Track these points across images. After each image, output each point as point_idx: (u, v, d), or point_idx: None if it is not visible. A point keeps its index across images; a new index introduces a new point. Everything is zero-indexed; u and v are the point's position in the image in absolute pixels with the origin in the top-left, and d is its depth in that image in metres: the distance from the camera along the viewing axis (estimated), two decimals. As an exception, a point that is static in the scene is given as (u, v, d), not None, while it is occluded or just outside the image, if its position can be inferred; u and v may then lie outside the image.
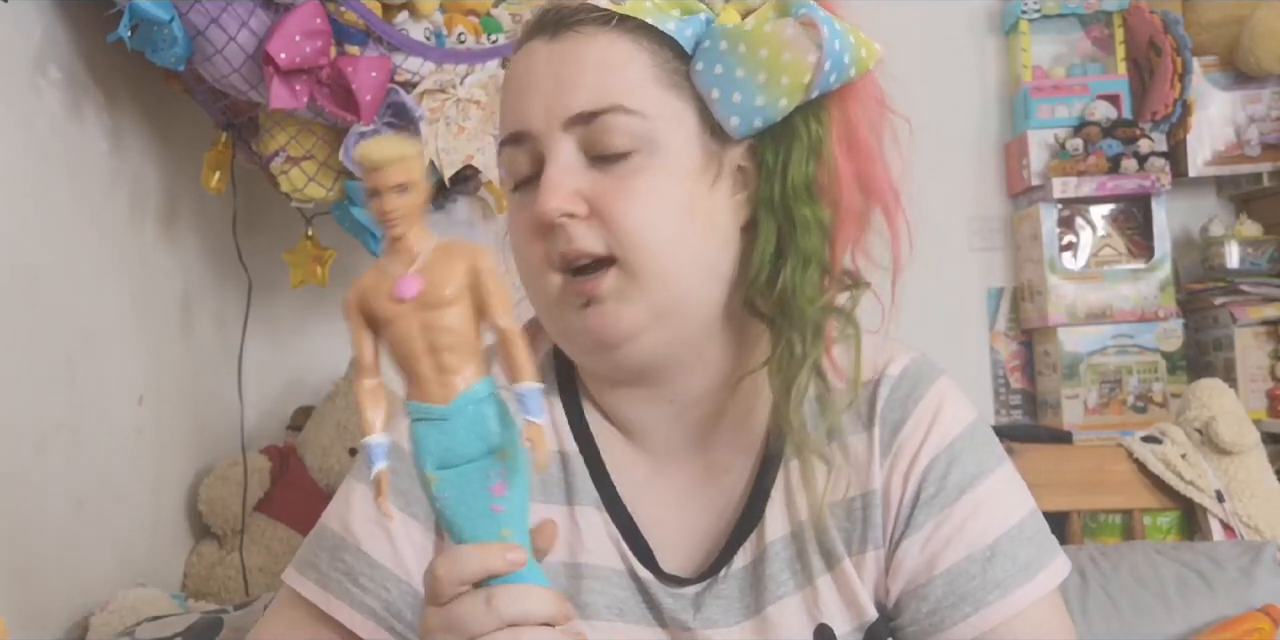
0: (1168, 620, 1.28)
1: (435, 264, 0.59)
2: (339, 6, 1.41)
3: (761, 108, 0.75)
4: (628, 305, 0.74)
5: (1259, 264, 2.11)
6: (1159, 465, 1.52)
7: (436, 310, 0.59)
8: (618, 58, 0.76)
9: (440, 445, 0.60)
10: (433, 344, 0.59)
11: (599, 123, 0.74)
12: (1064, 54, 2.25)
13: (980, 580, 0.77)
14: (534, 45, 0.78)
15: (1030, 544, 0.79)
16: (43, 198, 1.39)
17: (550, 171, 0.74)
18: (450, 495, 0.60)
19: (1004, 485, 0.81)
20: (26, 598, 1.29)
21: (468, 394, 0.59)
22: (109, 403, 1.53)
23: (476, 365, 0.60)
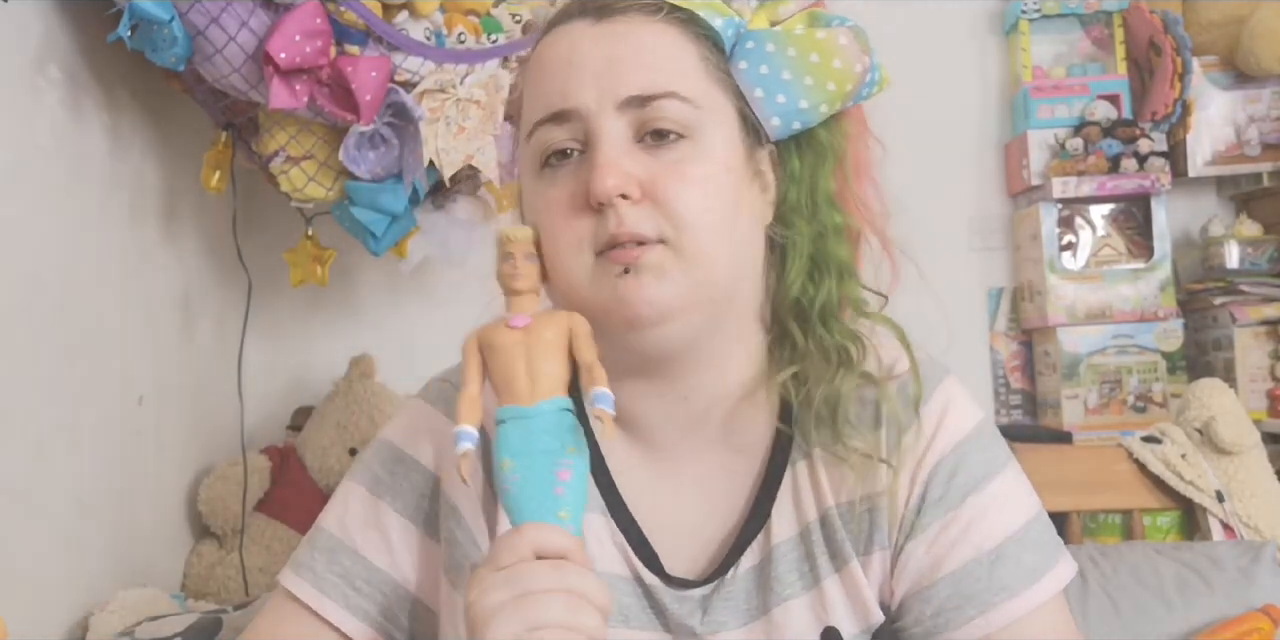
0: (1168, 620, 1.28)
1: (543, 317, 0.74)
2: (339, 6, 1.41)
3: (803, 111, 0.77)
4: (667, 282, 0.74)
5: (1259, 264, 2.11)
6: (1159, 465, 1.52)
7: (538, 337, 0.73)
8: (670, 45, 0.77)
9: (520, 438, 0.71)
10: (531, 360, 0.72)
11: (654, 107, 0.74)
12: (1064, 54, 2.25)
13: (986, 582, 0.77)
14: (576, 26, 0.78)
15: (1036, 547, 0.79)
16: (43, 198, 1.39)
17: (604, 151, 0.74)
18: (521, 476, 0.70)
19: (1010, 487, 0.81)
20: (26, 598, 1.29)
21: (551, 400, 0.72)
22: (109, 403, 1.53)
23: (561, 386, 0.72)
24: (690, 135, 0.75)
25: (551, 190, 0.77)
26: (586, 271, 0.75)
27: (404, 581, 0.82)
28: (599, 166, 0.73)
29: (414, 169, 1.53)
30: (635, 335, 0.75)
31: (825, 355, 0.79)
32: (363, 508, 0.83)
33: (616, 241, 0.74)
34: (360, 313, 2.14)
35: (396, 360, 1.98)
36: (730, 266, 0.76)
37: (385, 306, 2.15)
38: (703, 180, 0.75)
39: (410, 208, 1.62)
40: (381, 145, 1.51)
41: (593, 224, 0.74)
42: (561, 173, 0.77)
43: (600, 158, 0.74)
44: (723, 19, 0.78)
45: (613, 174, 0.73)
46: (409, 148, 1.51)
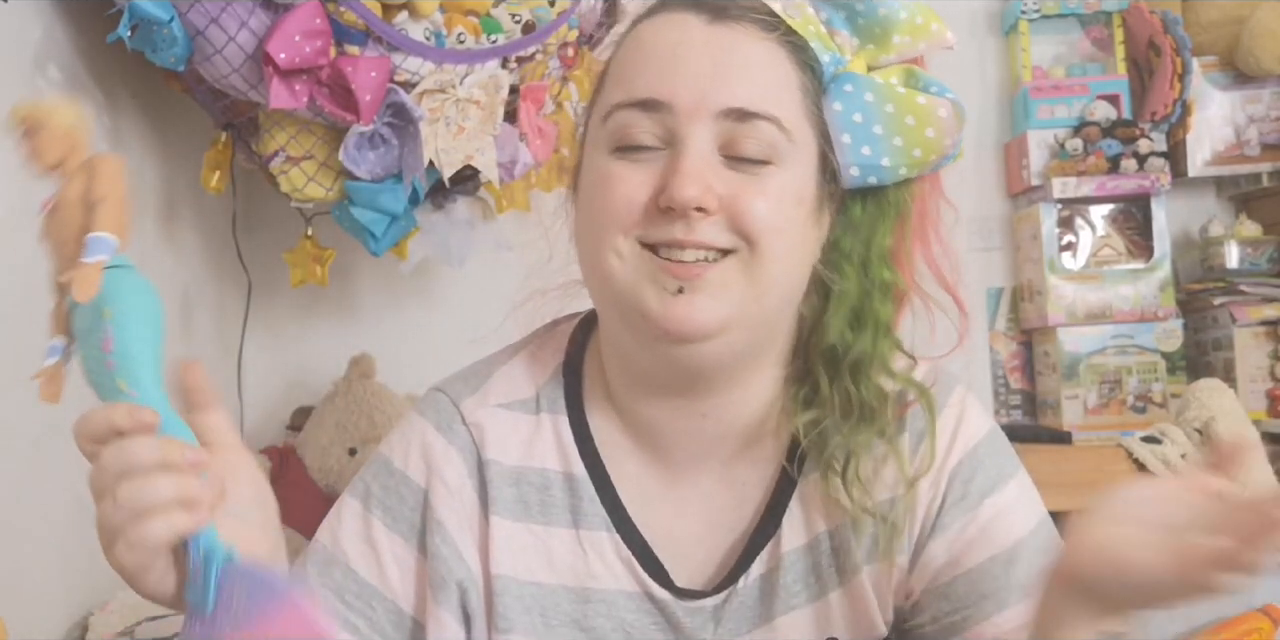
0: (1168, 620, 1.28)
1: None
2: (339, 6, 1.41)
3: (884, 168, 0.76)
4: (722, 302, 0.72)
5: (1258, 264, 2.10)
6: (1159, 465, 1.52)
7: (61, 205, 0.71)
8: (778, 68, 0.75)
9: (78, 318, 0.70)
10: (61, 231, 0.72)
11: (751, 125, 0.73)
12: (1064, 54, 2.25)
13: (1004, 581, 0.78)
14: (686, 19, 0.76)
15: (1047, 551, 0.80)
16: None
17: (690, 159, 0.72)
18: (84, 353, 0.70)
19: (1022, 491, 0.83)
20: (26, 598, 1.29)
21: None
22: (109, 403, 1.53)
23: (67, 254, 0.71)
24: (774, 161, 0.74)
25: (624, 175, 0.74)
26: (628, 262, 0.74)
27: (394, 597, 0.81)
28: (683, 173, 0.71)
29: (414, 169, 1.53)
30: (673, 349, 0.74)
31: (847, 408, 0.78)
32: (355, 522, 0.83)
33: (679, 245, 0.72)
34: (360, 313, 2.14)
35: (396, 360, 1.98)
36: (783, 293, 0.76)
37: (385, 306, 2.15)
38: (779, 203, 0.73)
39: (410, 208, 1.62)
40: (381, 145, 1.51)
41: (652, 220, 0.73)
42: (635, 163, 0.74)
43: (685, 164, 0.72)
44: (829, 54, 0.76)
45: (695, 184, 0.71)
46: (409, 148, 1.51)
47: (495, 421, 0.83)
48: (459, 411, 0.84)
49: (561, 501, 0.81)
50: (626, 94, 0.75)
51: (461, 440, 0.82)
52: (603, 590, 0.80)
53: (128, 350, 0.67)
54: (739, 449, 0.82)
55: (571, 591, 0.80)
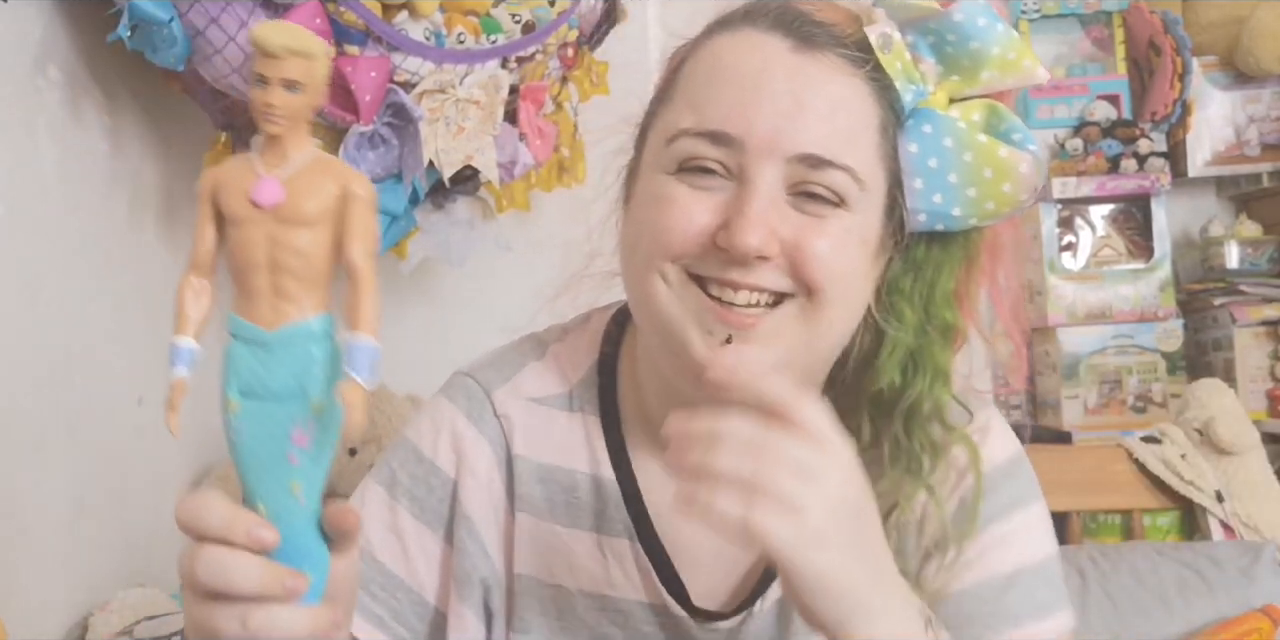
0: (1168, 620, 1.29)
1: (306, 176, 0.54)
2: (339, 6, 1.41)
3: (953, 217, 0.72)
4: (771, 350, 0.70)
5: (1259, 264, 2.10)
6: (1159, 465, 1.52)
7: (291, 227, 0.53)
8: (860, 110, 0.71)
9: (253, 372, 0.56)
10: (276, 261, 0.54)
11: (825, 173, 0.69)
12: (1064, 54, 2.24)
13: (993, 606, 0.76)
14: (770, 43, 0.71)
15: (1049, 586, 0.78)
16: (42, 198, 1.39)
17: (757, 203, 0.68)
18: (247, 428, 0.56)
19: (1033, 523, 0.80)
20: (26, 598, 1.29)
21: (298, 326, 0.54)
22: (109, 403, 1.53)
23: (318, 298, 0.55)
24: (846, 208, 0.71)
25: (684, 199, 0.71)
26: (675, 289, 0.71)
27: (419, 588, 0.80)
28: (748, 217, 0.68)
29: (414, 169, 1.53)
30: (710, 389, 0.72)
31: (895, 455, 0.75)
32: (380, 510, 0.81)
33: (732, 285, 0.69)
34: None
35: (396, 360, 1.97)
36: (837, 339, 0.74)
37: (385, 306, 2.14)
38: (844, 247, 0.70)
39: (410, 208, 1.62)
40: (381, 145, 1.51)
41: (708, 252, 0.70)
42: (697, 187, 0.71)
43: (752, 208, 0.68)
44: (912, 89, 0.72)
45: (759, 231, 0.68)
46: (408, 148, 1.51)
47: (527, 416, 0.81)
48: (490, 401, 0.81)
49: (587, 504, 0.80)
50: (697, 122, 0.71)
51: (492, 432, 0.81)
52: (621, 599, 0.79)
53: (320, 460, 0.56)
54: None
55: (590, 597, 0.79)
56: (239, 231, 0.54)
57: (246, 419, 0.56)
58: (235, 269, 0.55)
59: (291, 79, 0.52)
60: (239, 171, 0.54)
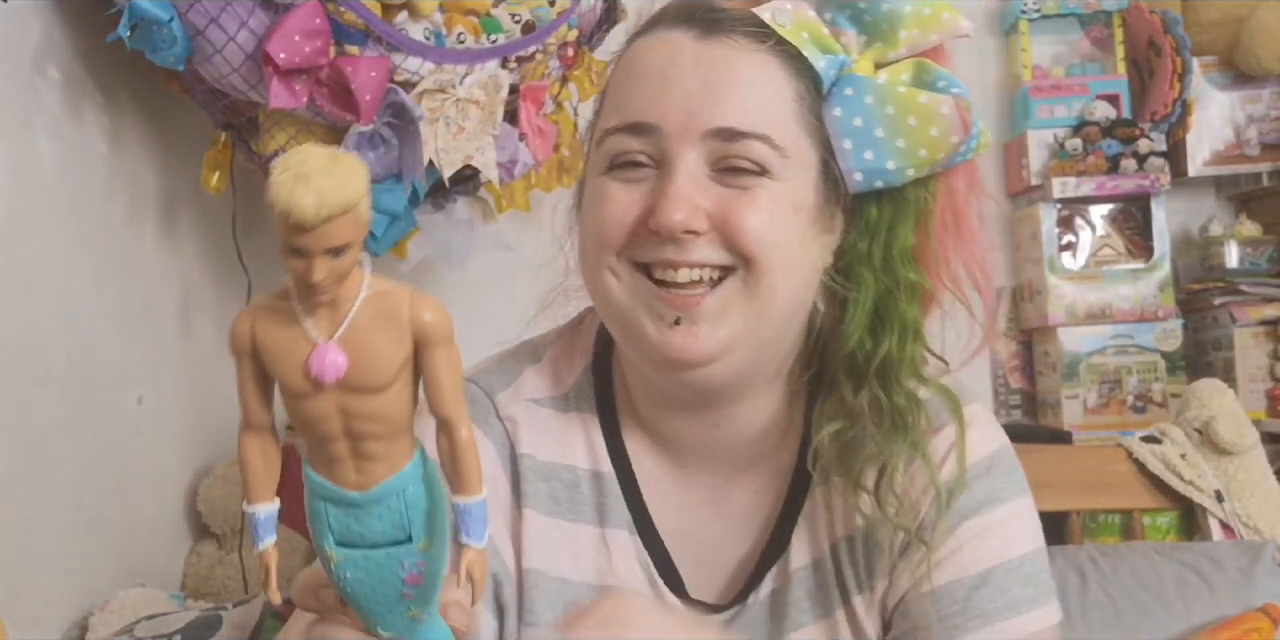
0: (1168, 620, 1.29)
1: (366, 328, 0.46)
2: (339, 6, 1.41)
3: (889, 171, 0.74)
4: (722, 328, 0.72)
5: (1258, 264, 2.10)
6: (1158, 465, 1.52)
7: (363, 396, 0.47)
8: (771, 83, 0.74)
9: (348, 527, 0.50)
10: (353, 430, 0.47)
11: (741, 144, 0.72)
12: (1063, 54, 2.24)
13: (963, 605, 0.76)
14: (676, 37, 0.75)
15: (1027, 582, 0.77)
16: (42, 198, 1.39)
17: (678, 182, 0.72)
18: (353, 576, 0.51)
19: (1012, 519, 0.79)
20: (26, 598, 1.29)
21: (390, 483, 0.49)
22: (109, 403, 1.53)
23: (405, 447, 0.49)
24: (766, 173, 0.73)
25: (615, 194, 0.74)
26: (625, 282, 0.74)
27: None
28: (670, 196, 0.71)
29: (414, 169, 1.53)
30: (675, 373, 0.74)
31: (877, 417, 0.76)
32: None
33: (671, 266, 0.71)
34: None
35: (396, 360, 1.98)
36: (787, 306, 0.75)
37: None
38: (771, 213, 0.72)
39: (410, 208, 1.62)
40: (381, 145, 1.51)
41: (644, 240, 0.73)
42: (629, 181, 0.74)
43: (673, 188, 0.71)
44: (826, 58, 0.74)
45: (682, 208, 0.71)
46: (409, 148, 1.51)
47: (529, 417, 0.83)
48: (494, 404, 0.83)
49: (589, 499, 0.81)
50: (618, 118, 0.75)
51: (496, 434, 0.82)
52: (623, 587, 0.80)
53: (434, 583, 0.51)
54: (752, 457, 0.82)
55: (594, 589, 0.80)
56: (303, 406, 0.47)
57: (351, 567, 0.51)
58: (306, 436, 0.49)
59: (337, 245, 0.43)
60: (287, 335, 0.47)
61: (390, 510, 0.49)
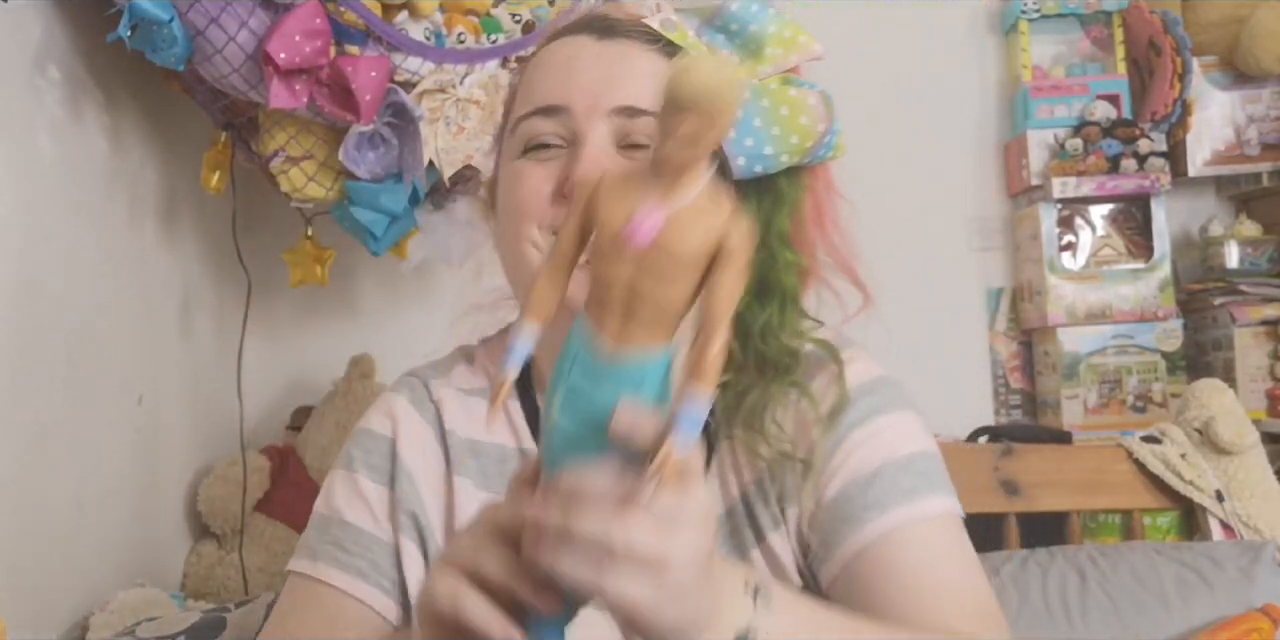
0: (1168, 620, 1.28)
1: (688, 218, 0.52)
2: (339, 6, 1.41)
3: (767, 156, 0.83)
4: None
5: (1258, 264, 2.10)
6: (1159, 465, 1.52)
7: (659, 271, 0.52)
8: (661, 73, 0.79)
9: (578, 385, 0.54)
10: (636, 293, 0.52)
11: (642, 121, 0.81)
12: (1063, 54, 2.25)
13: (860, 502, 0.80)
14: (579, 39, 0.86)
15: (918, 476, 0.82)
16: (43, 198, 1.39)
17: (589, 147, 0.80)
18: (559, 444, 0.55)
19: (897, 425, 0.85)
20: (26, 598, 1.29)
21: (638, 360, 0.53)
22: (109, 403, 1.53)
23: (665, 335, 0.53)
24: None
25: (531, 171, 0.82)
26: (539, 249, 0.81)
27: (388, 538, 0.88)
28: (582, 159, 0.80)
29: (414, 169, 1.53)
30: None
31: (761, 367, 0.84)
32: (343, 485, 0.91)
33: None
34: (360, 313, 2.14)
35: (396, 360, 1.97)
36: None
37: (385, 306, 2.15)
38: None
39: (410, 208, 1.62)
40: (381, 145, 1.51)
41: (561, 210, 0.80)
42: (542, 161, 0.83)
43: (586, 150, 0.80)
44: None
45: (594, 167, 0.78)
46: (409, 148, 1.51)
47: (455, 400, 0.92)
48: (428, 389, 0.93)
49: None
50: (530, 105, 0.84)
51: (430, 414, 0.92)
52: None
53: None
54: None
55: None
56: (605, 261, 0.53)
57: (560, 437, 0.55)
58: (595, 275, 0.54)
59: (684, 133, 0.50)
60: (628, 191, 0.53)
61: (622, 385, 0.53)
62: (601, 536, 0.53)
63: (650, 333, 0.53)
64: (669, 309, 0.53)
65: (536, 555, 0.55)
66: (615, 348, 0.53)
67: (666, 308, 0.52)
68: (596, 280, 0.53)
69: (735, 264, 0.52)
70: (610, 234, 0.52)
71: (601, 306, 0.53)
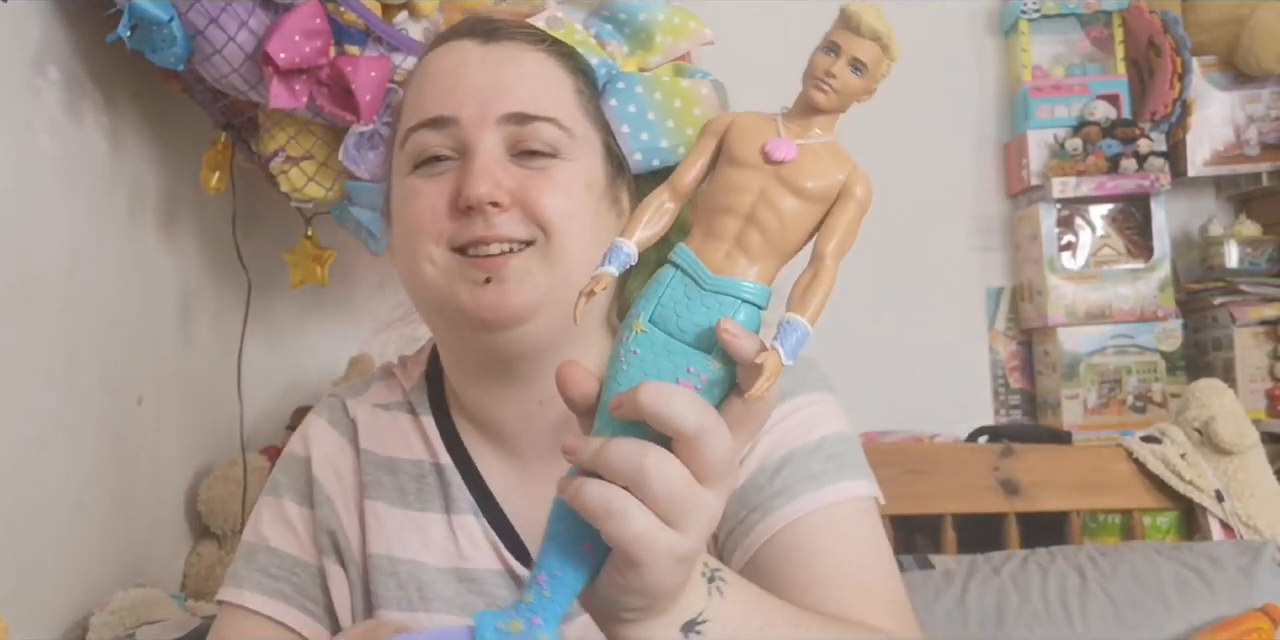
0: (1167, 620, 1.28)
1: (821, 154, 0.54)
2: (339, 6, 1.41)
3: (664, 150, 0.83)
4: (528, 286, 0.78)
5: (1258, 264, 2.10)
6: (1158, 465, 1.52)
7: (786, 190, 0.54)
8: (550, 75, 0.83)
9: (674, 304, 0.54)
10: (755, 214, 0.54)
11: (532, 127, 0.80)
12: (1063, 54, 2.24)
13: (768, 490, 0.80)
14: (463, 44, 0.83)
15: (827, 460, 0.82)
16: (42, 198, 1.39)
17: (480, 160, 0.78)
18: (640, 354, 0.54)
19: (808, 409, 0.85)
20: (26, 598, 1.29)
21: (741, 283, 0.54)
22: (109, 403, 1.53)
23: (771, 267, 0.55)
24: (559, 155, 0.80)
25: (424, 188, 0.81)
26: (440, 267, 0.79)
27: (314, 560, 0.89)
28: (474, 173, 0.78)
29: (414, 169, 1.53)
30: (489, 336, 0.79)
31: None
32: (269, 510, 0.92)
33: (483, 242, 0.78)
34: (360, 313, 2.14)
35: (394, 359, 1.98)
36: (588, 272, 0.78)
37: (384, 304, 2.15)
38: (567, 189, 0.80)
39: (410, 208, 1.62)
40: (381, 145, 1.51)
41: (457, 224, 0.79)
42: (434, 176, 0.81)
43: (476, 165, 0.78)
44: (597, 58, 0.84)
45: (486, 181, 0.77)
46: (409, 148, 1.51)
47: (371, 418, 0.92)
48: (345, 407, 0.94)
49: (434, 488, 0.88)
50: (418, 117, 0.82)
51: (348, 433, 0.92)
52: (474, 569, 0.85)
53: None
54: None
55: (447, 572, 0.86)
56: (736, 174, 0.54)
57: (645, 344, 0.54)
58: (709, 208, 0.55)
59: (861, 60, 0.53)
60: (761, 123, 0.55)
61: (719, 310, 0.53)
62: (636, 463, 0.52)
63: (755, 263, 0.54)
64: (781, 239, 0.54)
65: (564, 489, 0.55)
66: (718, 272, 0.54)
67: (779, 237, 0.54)
68: (720, 201, 0.55)
69: (855, 208, 0.54)
70: (748, 152, 0.54)
71: (712, 235, 0.55)
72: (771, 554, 0.78)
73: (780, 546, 0.78)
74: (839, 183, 0.54)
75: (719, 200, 0.55)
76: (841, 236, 0.53)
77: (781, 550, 0.78)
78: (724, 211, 0.55)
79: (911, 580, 1.36)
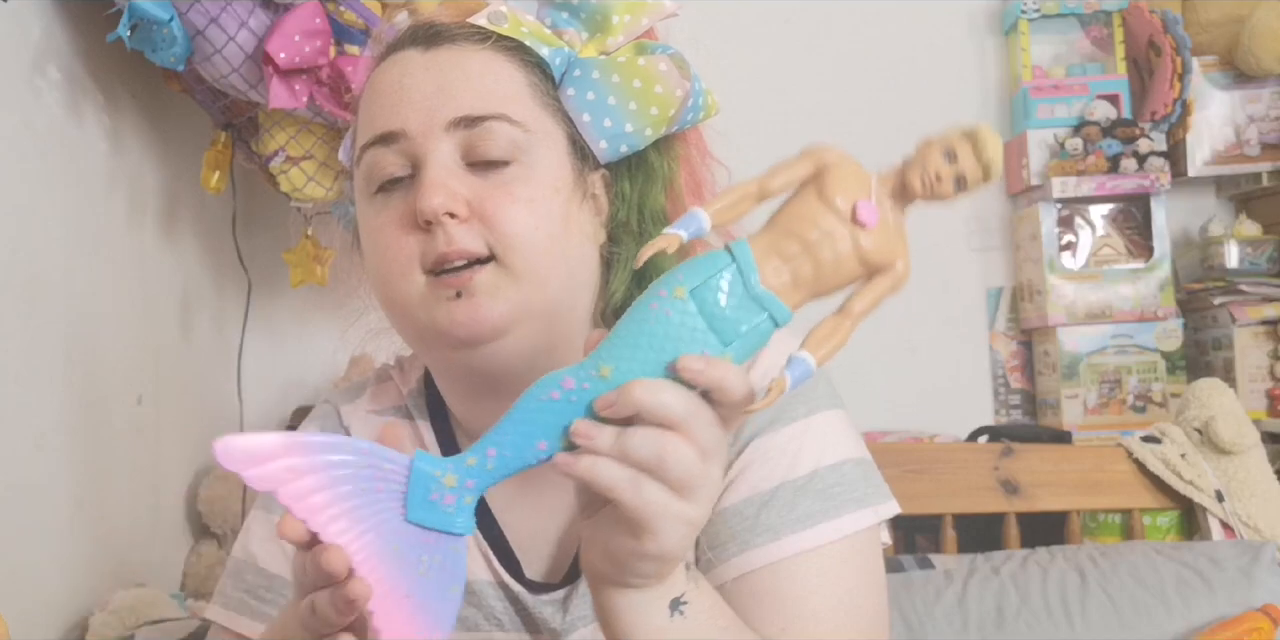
0: (1167, 620, 1.28)
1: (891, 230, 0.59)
2: (339, 6, 1.41)
3: (629, 134, 0.80)
4: (500, 300, 0.75)
5: (1258, 264, 2.10)
6: (1158, 465, 1.52)
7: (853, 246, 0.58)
8: (498, 72, 0.79)
9: (717, 289, 0.57)
10: (816, 251, 0.58)
11: (483, 128, 0.76)
12: (1063, 54, 2.24)
13: (751, 522, 0.78)
14: (407, 54, 0.80)
15: (817, 496, 0.78)
16: (43, 198, 1.39)
17: (432, 171, 0.75)
18: (667, 317, 0.57)
19: (801, 435, 0.81)
20: (26, 598, 1.29)
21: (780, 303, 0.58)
22: (108, 403, 1.53)
23: (803, 299, 0.59)
24: (518, 159, 0.77)
25: (383, 213, 0.78)
26: (418, 292, 0.76)
27: None
28: (425, 185, 0.74)
29: (414, 169, 1.53)
30: (469, 353, 0.77)
31: None
32: (260, 526, 0.89)
33: (446, 259, 0.75)
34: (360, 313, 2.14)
35: (396, 360, 1.98)
36: (563, 283, 0.78)
37: (385, 306, 2.15)
38: (530, 200, 0.76)
39: (410, 208, 1.62)
40: (381, 145, 1.51)
41: (422, 244, 0.75)
42: (393, 196, 0.78)
43: (427, 177, 0.75)
44: (550, 49, 0.81)
45: (439, 192, 0.74)
46: (409, 148, 1.51)
47: (364, 424, 0.90)
48: (338, 415, 0.91)
49: None
50: (366, 135, 0.79)
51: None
52: (471, 581, 0.83)
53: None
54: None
55: None
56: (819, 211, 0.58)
57: (680, 311, 0.57)
58: (783, 224, 0.59)
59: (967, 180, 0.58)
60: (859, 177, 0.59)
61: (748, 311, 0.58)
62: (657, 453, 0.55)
63: (798, 290, 0.58)
64: (826, 280, 0.58)
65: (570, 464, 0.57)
66: (764, 283, 0.58)
67: (826, 278, 0.58)
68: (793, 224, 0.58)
69: (890, 284, 0.59)
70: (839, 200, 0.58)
71: (774, 249, 0.58)
72: (743, 591, 0.76)
73: (753, 587, 0.76)
74: (893, 257, 0.59)
75: (794, 223, 0.59)
76: (871, 303, 0.59)
77: (754, 591, 0.76)
78: (793, 234, 0.58)
79: (911, 580, 1.36)
